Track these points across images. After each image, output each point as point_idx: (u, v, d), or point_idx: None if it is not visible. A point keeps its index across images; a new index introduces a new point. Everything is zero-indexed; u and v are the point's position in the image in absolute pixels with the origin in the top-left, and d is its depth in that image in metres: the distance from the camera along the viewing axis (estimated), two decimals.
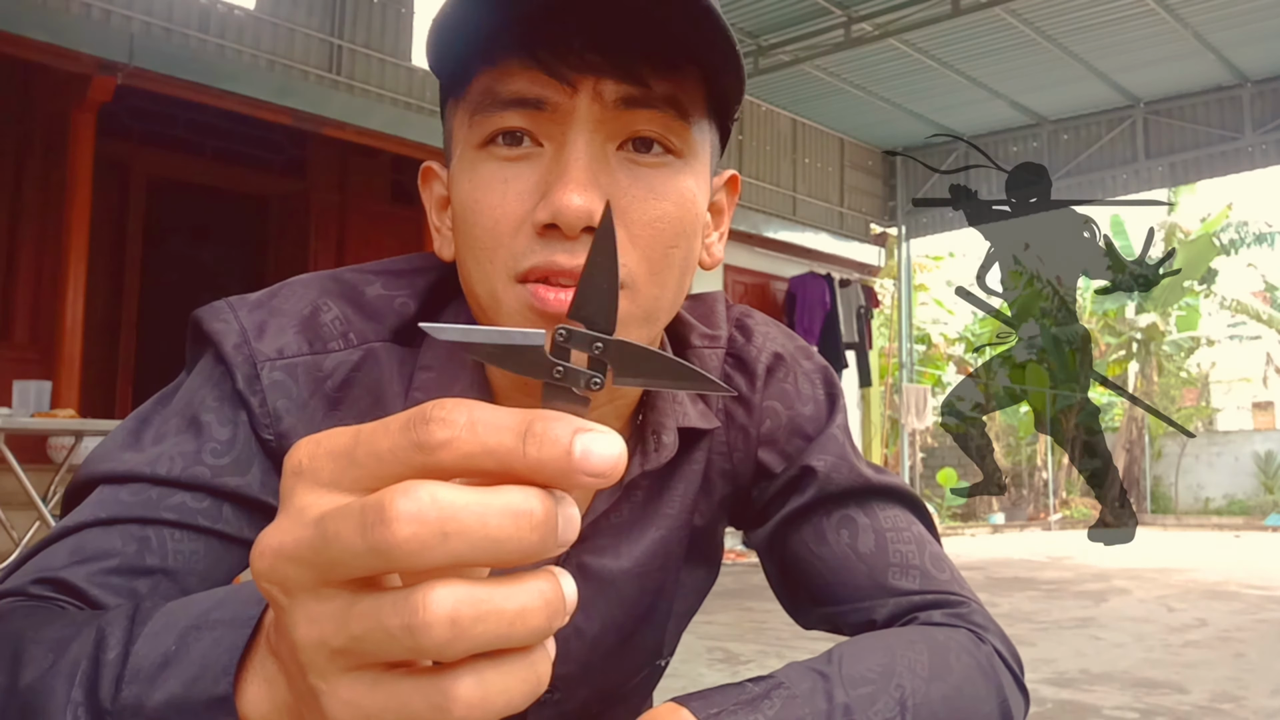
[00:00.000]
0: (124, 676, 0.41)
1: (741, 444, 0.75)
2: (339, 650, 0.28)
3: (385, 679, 0.29)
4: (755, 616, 4.82)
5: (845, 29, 8.34)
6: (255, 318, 0.63)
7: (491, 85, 0.57)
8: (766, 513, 0.76)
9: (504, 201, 0.58)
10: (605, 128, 0.57)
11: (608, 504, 0.69)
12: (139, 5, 5.98)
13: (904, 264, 11.73)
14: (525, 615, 0.28)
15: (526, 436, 0.28)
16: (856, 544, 0.72)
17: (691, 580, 0.77)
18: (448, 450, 0.28)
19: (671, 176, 0.60)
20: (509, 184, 0.58)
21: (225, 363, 0.62)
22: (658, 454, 0.68)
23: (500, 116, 0.57)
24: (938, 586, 0.72)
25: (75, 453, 4.59)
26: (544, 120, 0.57)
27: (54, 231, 6.03)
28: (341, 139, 6.89)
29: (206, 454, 0.60)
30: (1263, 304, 16.78)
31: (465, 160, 0.60)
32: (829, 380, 0.78)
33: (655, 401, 0.69)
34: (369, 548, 0.27)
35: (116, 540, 0.56)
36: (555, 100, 0.57)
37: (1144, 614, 5.29)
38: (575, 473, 0.28)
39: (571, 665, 0.71)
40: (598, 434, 0.28)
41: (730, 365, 0.76)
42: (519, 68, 0.56)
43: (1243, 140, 9.61)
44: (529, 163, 0.58)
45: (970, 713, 0.64)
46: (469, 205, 0.59)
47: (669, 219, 0.59)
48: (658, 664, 0.80)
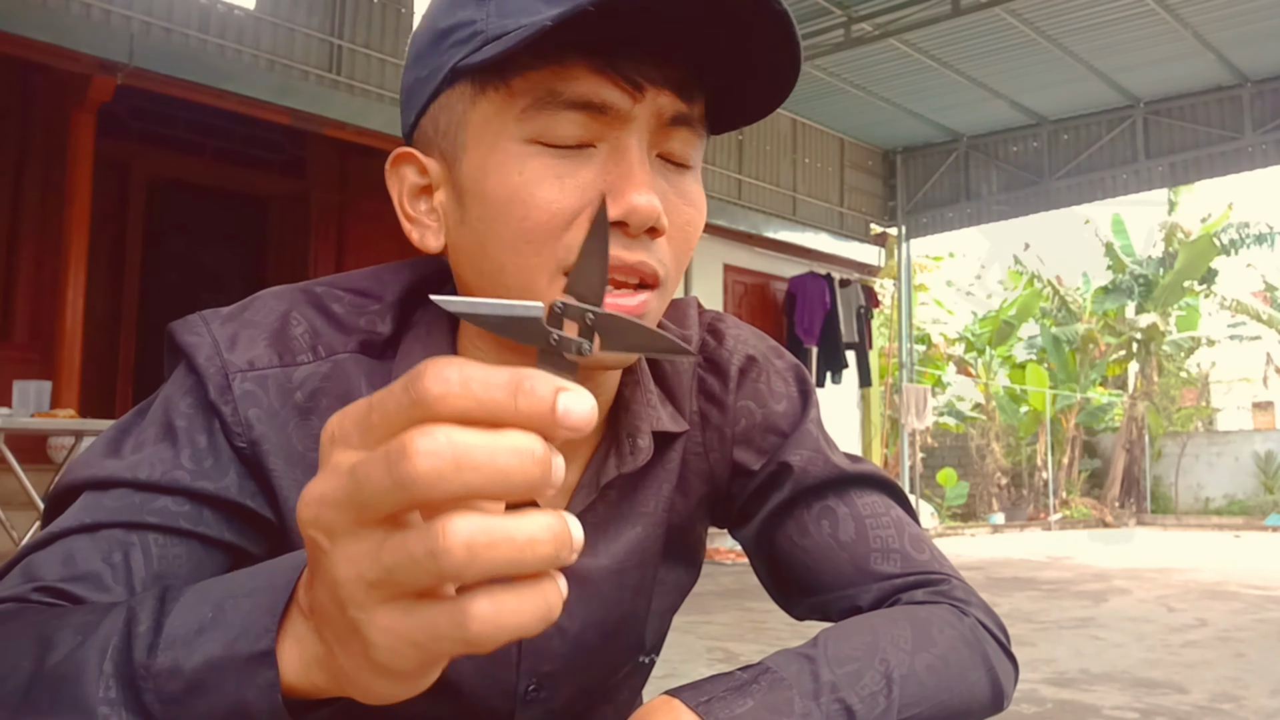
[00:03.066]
0: (158, 645, 0.43)
1: (717, 444, 0.77)
2: (374, 582, 0.33)
3: (415, 606, 0.33)
4: (755, 616, 4.82)
5: (845, 29, 8.34)
6: (227, 330, 0.65)
7: (550, 83, 0.57)
8: (748, 510, 0.79)
9: (562, 195, 0.58)
10: (652, 136, 0.60)
11: (584, 504, 0.70)
12: (139, 5, 5.98)
13: (904, 264, 11.72)
14: (535, 544, 0.31)
15: (517, 392, 0.31)
16: (838, 533, 0.75)
17: (671, 578, 0.79)
18: (443, 404, 0.31)
19: (692, 184, 0.64)
20: (564, 180, 0.58)
21: (198, 373, 0.63)
22: (633, 457, 0.70)
23: (565, 116, 0.58)
24: (919, 567, 0.74)
25: (75, 453, 4.60)
26: (599, 122, 0.58)
27: (54, 231, 6.03)
28: (341, 139, 6.89)
29: (184, 459, 0.61)
30: (1263, 304, 16.78)
31: (507, 152, 0.59)
32: (800, 377, 0.81)
33: (630, 405, 0.71)
34: (394, 482, 0.31)
35: (103, 546, 0.57)
36: (619, 105, 0.58)
37: (1144, 614, 5.29)
38: (557, 425, 0.31)
39: (555, 662, 0.72)
40: (575, 392, 0.32)
41: (703, 369, 0.78)
42: (585, 70, 0.57)
43: (1243, 140, 9.61)
44: (582, 159, 0.59)
45: (958, 680, 0.66)
46: (519, 198, 0.59)
47: (694, 224, 0.64)
48: (641, 661, 0.81)
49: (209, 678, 0.41)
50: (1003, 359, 16.54)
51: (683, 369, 0.77)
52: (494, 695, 0.71)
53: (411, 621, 0.33)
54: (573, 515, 0.33)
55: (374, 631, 0.33)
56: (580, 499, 0.70)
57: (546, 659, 0.72)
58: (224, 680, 0.41)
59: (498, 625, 0.32)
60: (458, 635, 0.32)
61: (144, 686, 0.42)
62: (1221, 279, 16.14)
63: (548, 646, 0.71)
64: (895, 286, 12.06)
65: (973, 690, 0.68)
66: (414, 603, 0.33)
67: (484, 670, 0.70)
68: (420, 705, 0.72)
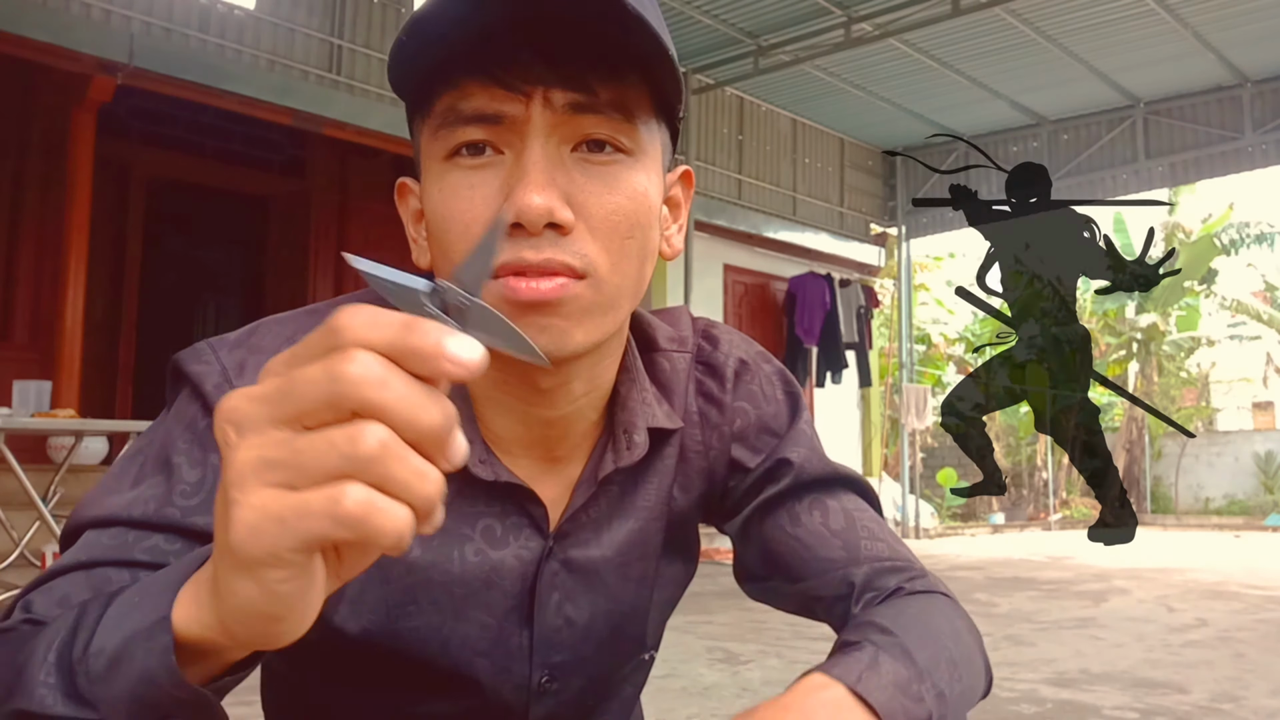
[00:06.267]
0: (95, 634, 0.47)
1: (716, 442, 0.81)
2: (273, 463, 0.35)
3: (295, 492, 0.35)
4: (755, 616, 4.82)
5: (845, 29, 8.33)
6: (235, 357, 0.67)
7: (453, 103, 0.62)
8: (741, 504, 0.83)
9: (472, 206, 0.62)
10: (558, 132, 0.62)
11: (585, 498, 0.74)
12: (139, 5, 5.98)
13: (904, 264, 11.72)
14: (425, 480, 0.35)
15: (410, 328, 0.35)
16: (829, 522, 0.79)
17: (670, 572, 0.82)
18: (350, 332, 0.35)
19: (623, 172, 0.64)
20: (475, 190, 0.62)
21: (204, 400, 0.65)
22: (629, 452, 0.74)
23: (463, 130, 0.62)
24: (903, 557, 0.79)
25: (75, 453, 4.60)
26: (503, 131, 0.62)
27: (54, 231, 6.03)
28: (341, 139, 6.90)
29: (177, 496, 0.63)
30: (1263, 304, 16.77)
31: (434, 173, 0.64)
32: (787, 381, 0.86)
33: (626, 402, 0.75)
34: (329, 377, 0.35)
35: (96, 582, 0.60)
36: (511, 112, 0.61)
37: (1144, 614, 5.29)
38: (443, 356, 0.35)
39: (565, 653, 0.75)
40: (459, 337, 0.36)
41: (700, 371, 0.82)
42: (476, 86, 0.61)
43: (1243, 140, 9.61)
44: (492, 170, 0.62)
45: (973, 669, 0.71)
46: (441, 213, 0.64)
47: (623, 211, 0.64)
48: (644, 656, 0.84)
49: (124, 651, 0.45)
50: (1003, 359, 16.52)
51: (679, 369, 0.81)
52: (509, 689, 0.74)
53: (286, 502, 0.35)
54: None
55: (245, 510, 0.35)
56: (581, 493, 0.74)
57: (557, 649, 0.75)
58: (135, 652, 0.45)
59: (365, 515, 0.34)
60: (328, 510, 0.34)
61: (78, 670, 0.47)
62: (1221, 279, 16.14)
63: (558, 637, 0.75)
64: (895, 286, 12.05)
65: (980, 677, 0.72)
66: (295, 491, 0.35)
67: (500, 665, 0.73)
68: (440, 704, 0.74)
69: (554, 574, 0.74)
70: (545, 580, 0.73)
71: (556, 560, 0.74)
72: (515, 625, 0.73)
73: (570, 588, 0.75)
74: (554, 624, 0.74)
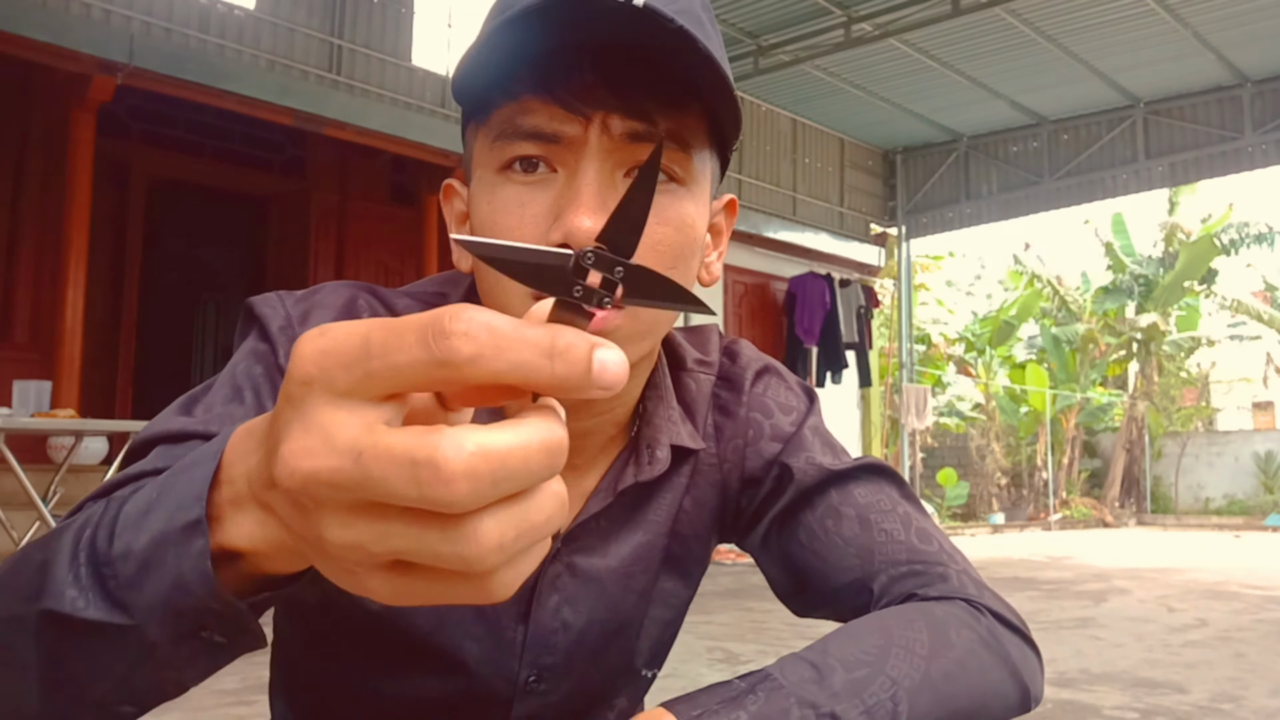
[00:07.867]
0: (115, 530, 0.44)
1: (731, 455, 0.81)
2: (378, 555, 0.31)
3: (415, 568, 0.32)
4: (755, 616, 4.82)
5: (845, 29, 8.33)
6: (300, 308, 0.70)
7: (512, 116, 0.62)
8: (755, 518, 0.82)
9: (521, 224, 0.62)
10: (613, 157, 0.62)
11: (599, 508, 0.74)
12: (139, 5, 5.98)
13: (904, 264, 11.72)
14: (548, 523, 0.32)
15: (553, 354, 0.30)
16: (842, 531, 0.77)
17: (668, 587, 0.82)
18: (474, 367, 0.29)
19: (674, 202, 0.64)
20: (525, 207, 0.63)
21: (270, 341, 0.68)
22: (651, 467, 0.74)
23: (520, 145, 0.62)
24: (926, 558, 0.75)
25: (75, 453, 4.59)
26: (559, 150, 0.62)
27: (54, 231, 6.03)
28: (341, 139, 6.89)
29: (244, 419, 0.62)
30: (1263, 304, 16.76)
31: (485, 182, 0.65)
32: (805, 389, 0.86)
33: (651, 418, 0.75)
34: (424, 498, 0.29)
35: None
36: (569, 132, 0.61)
37: (1144, 614, 5.29)
38: (592, 387, 0.30)
39: (557, 656, 0.76)
40: (609, 348, 0.31)
41: (719, 386, 0.83)
42: (538, 103, 0.61)
43: (1243, 140, 9.61)
44: (544, 187, 0.63)
45: (978, 684, 0.66)
46: (488, 225, 0.64)
47: (669, 242, 0.64)
48: (643, 674, 0.84)
49: (153, 555, 0.42)
50: (1003, 359, 16.54)
51: (704, 391, 0.82)
52: (496, 680, 0.74)
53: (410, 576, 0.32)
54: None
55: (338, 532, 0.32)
56: (596, 501, 0.74)
57: (549, 651, 0.75)
58: (165, 555, 0.41)
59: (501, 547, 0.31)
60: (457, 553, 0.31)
61: (106, 573, 0.43)
62: (1221, 279, 16.14)
63: (552, 639, 0.75)
64: (895, 286, 12.06)
65: (996, 692, 0.67)
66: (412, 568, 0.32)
67: (490, 654, 0.73)
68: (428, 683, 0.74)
69: (557, 576, 0.74)
70: (547, 581, 0.74)
71: (562, 564, 0.74)
72: (512, 620, 0.74)
73: (571, 592, 0.75)
74: (550, 625, 0.75)
